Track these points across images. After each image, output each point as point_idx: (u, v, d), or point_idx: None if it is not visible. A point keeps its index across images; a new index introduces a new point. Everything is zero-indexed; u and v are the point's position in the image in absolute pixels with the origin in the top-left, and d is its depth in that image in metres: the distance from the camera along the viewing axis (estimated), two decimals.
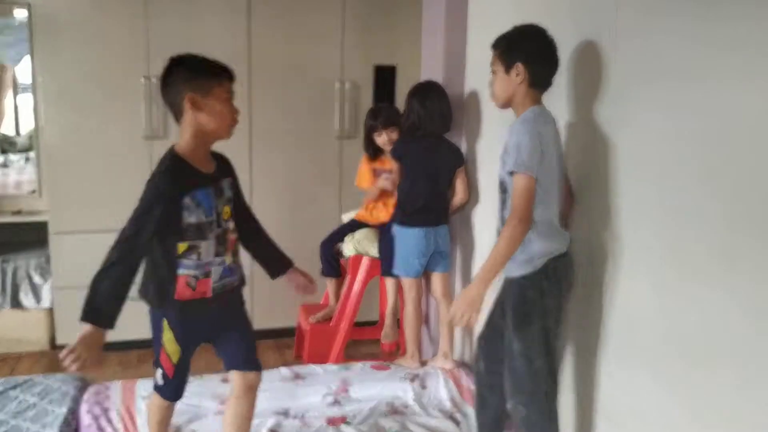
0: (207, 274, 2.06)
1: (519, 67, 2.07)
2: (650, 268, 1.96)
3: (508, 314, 2.15)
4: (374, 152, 3.44)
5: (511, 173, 2.02)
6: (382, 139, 3.34)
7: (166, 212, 1.93)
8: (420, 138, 3.06)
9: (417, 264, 3.13)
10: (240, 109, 4.02)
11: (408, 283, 3.18)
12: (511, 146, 2.03)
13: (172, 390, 2.20)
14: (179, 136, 2.03)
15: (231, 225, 2.13)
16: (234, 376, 2.26)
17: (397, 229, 3.14)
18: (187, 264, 2.01)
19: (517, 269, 2.12)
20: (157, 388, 2.21)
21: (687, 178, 1.80)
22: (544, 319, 2.11)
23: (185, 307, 2.07)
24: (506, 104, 2.18)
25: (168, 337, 2.11)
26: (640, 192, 1.99)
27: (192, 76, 1.98)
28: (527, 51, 2.09)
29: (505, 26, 2.74)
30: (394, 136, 3.29)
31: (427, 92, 3.08)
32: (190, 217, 1.97)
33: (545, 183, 2.04)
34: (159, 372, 2.18)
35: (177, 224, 1.96)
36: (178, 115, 2.01)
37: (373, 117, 3.37)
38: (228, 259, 2.12)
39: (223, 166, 2.15)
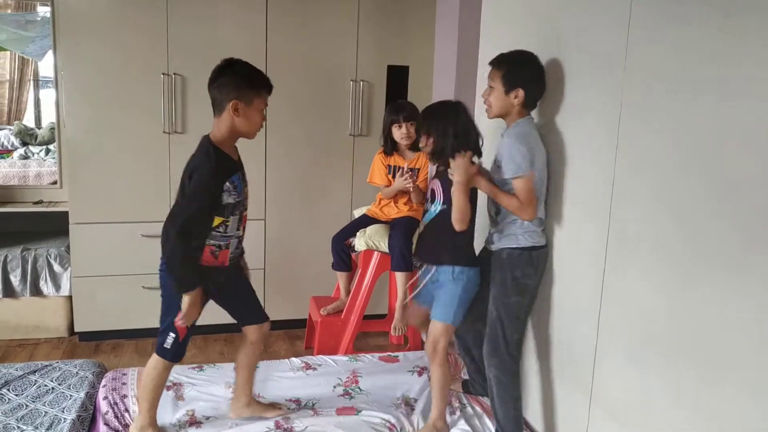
0: (227, 246, 2.38)
1: (519, 92, 2.40)
2: (659, 266, 1.97)
3: (493, 286, 2.52)
4: (391, 147, 3.49)
5: (513, 178, 2.38)
6: (401, 132, 3.37)
7: (214, 193, 2.26)
8: None
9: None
10: None
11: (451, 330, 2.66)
12: (506, 156, 2.39)
13: (179, 351, 2.41)
14: (214, 126, 2.33)
15: (247, 204, 2.45)
16: (249, 329, 2.63)
17: (464, 272, 2.56)
18: (215, 235, 2.33)
19: (505, 242, 2.48)
20: (164, 352, 2.40)
21: (696, 179, 1.82)
22: (521, 295, 2.48)
23: (205, 272, 2.35)
24: (498, 117, 2.52)
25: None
26: (650, 193, 2.02)
27: (241, 85, 2.28)
28: (528, 78, 2.42)
29: (517, 29, 2.80)
30: (413, 131, 3.32)
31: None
32: (229, 198, 2.29)
33: (536, 182, 2.38)
34: (171, 336, 2.37)
35: (218, 203, 2.27)
36: (218, 111, 2.31)
37: (395, 111, 3.40)
38: (241, 232, 2.45)
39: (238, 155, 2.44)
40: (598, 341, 2.28)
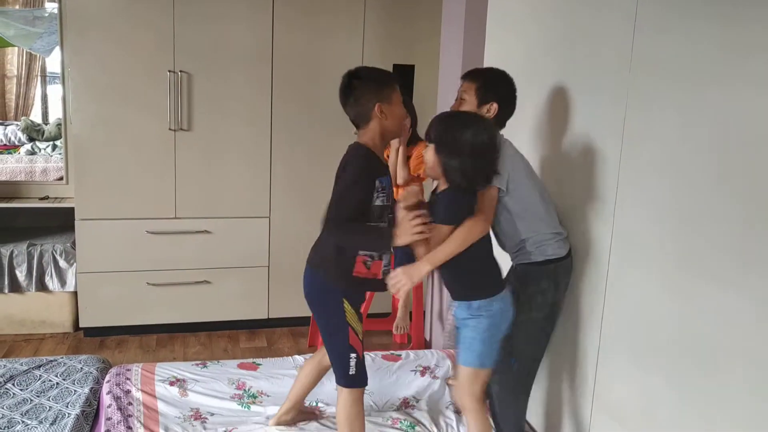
0: (380, 257, 2.22)
1: (493, 106, 2.32)
2: (664, 269, 1.98)
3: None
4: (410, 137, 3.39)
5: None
6: None
7: (366, 189, 2.12)
8: None
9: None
10: (262, 103, 4.12)
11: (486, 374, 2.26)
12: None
13: (365, 372, 2.24)
14: (361, 136, 2.22)
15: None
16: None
17: (485, 306, 2.15)
18: None
19: (521, 258, 2.34)
20: (351, 379, 2.19)
21: (702, 180, 1.82)
22: (536, 311, 2.32)
23: (357, 284, 2.21)
24: None
25: (351, 314, 2.19)
26: (655, 193, 2.02)
27: (378, 88, 2.18)
28: (502, 94, 2.35)
29: (523, 27, 2.80)
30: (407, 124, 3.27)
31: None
32: (377, 200, 2.15)
33: (519, 199, 2.26)
34: (352, 357, 2.18)
35: (368, 204, 2.13)
36: (363, 122, 2.21)
37: None
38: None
39: None
40: (601, 344, 2.28)
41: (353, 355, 2.18)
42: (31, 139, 4.77)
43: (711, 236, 1.79)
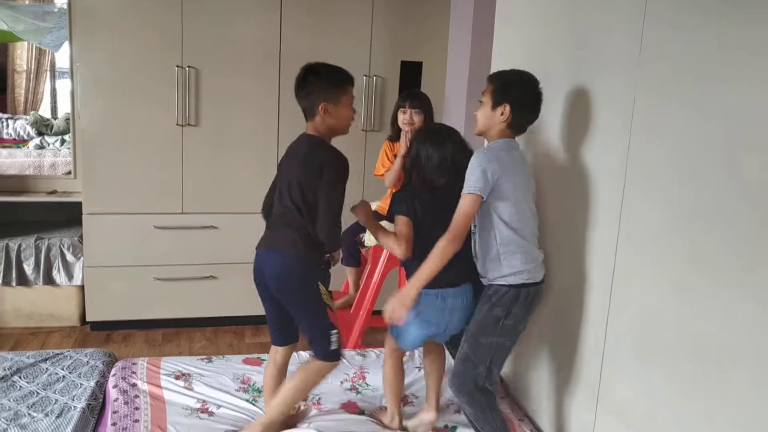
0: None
1: (506, 108, 2.25)
2: (671, 268, 1.96)
3: (472, 320, 2.33)
4: (397, 133, 3.39)
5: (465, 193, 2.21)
6: (405, 117, 3.29)
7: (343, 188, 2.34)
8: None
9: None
10: (270, 99, 4.15)
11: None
12: (468, 171, 2.22)
13: (341, 346, 2.39)
14: (309, 128, 2.40)
15: None
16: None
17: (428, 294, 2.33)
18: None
19: (492, 276, 2.30)
20: (332, 354, 2.33)
21: (710, 178, 1.81)
22: (500, 337, 2.27)
23: (326, 267, 2.39)
24: (482, 133, 2.36)
25: (325, 294, 2.34)
26: (662, 191, 2.00)
27: (328, 87, 2.30)
28: (518, 96, 2.26)
29: (532, 23, 2.80)
30: (417, 119, 3.29)
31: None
32: None
33: (505, 206, 2.23)
34: (333, 333, 2.32)
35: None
36: (310, 116, 2.36)
37: (403, 97, 3.36)
38: None
39: None
40: (606, 343, 2.27)
41: (334, 331, 2.32)
42: (40, 134, 4.79)
43: (718, 236, 1.78)
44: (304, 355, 3.11)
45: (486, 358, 2.27)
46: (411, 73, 4.14)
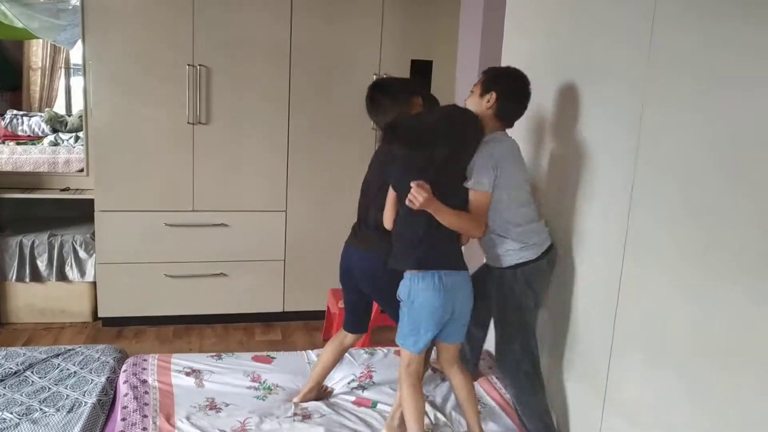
0: None
1: (492, 96, 2.36)
2: (679, 268, 1.96)
3: (494, 303, 2.52)
4: None
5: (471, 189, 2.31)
6: None
7: None
8: None
9: None
10: (280, 98, 4.16)
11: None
12: (472, 168, 2.30)
13: None
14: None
15: None
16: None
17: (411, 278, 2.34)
18: None
19: (491, 261, 2.49)
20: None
21: (718, 179, 1.80)
22: (518, 312, 2.45)
23: None
24: None
25: None
26: (670, 191, 2.00)
27: (394, 103, 2.38)
28: (505, 87, 2.38)
29: (542, 23, 2.79)
30: None
31: None
32: None
33: (505, 190, 2.33)
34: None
35: None
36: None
37: None
38: None
39: None
40: (614, 343, 2.27)
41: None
42: (55, 131, 4.83)
43: (726, 236, 1.78)
44: (313, 354, 3.13)
45: (515, 335, 2.46)
46: (421, 72, 4.14)
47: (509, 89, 2.40)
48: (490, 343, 2.94)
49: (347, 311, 2.74)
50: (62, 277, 4.09)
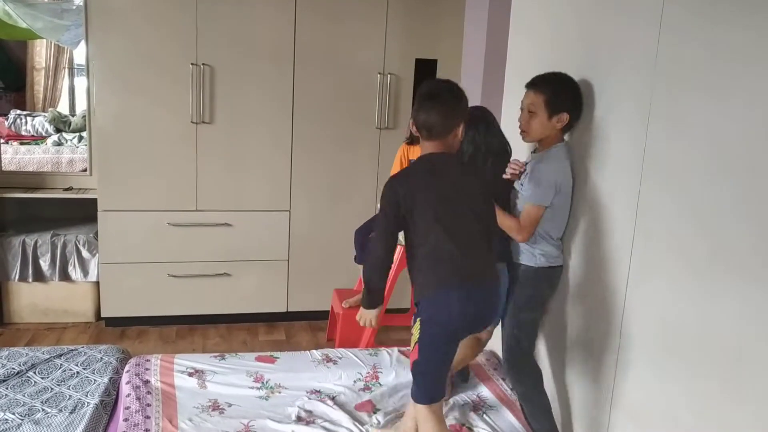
0: None
1: (563, 116, 2.35)
2: (686, 270, 1.94)
3: (509, 300, 2.51)
4: (412, 137, 3.39)
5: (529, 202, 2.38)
6: None
7: None
8: None
9: None
10: (284, 97, 4.16)
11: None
12: (533, 178, 2.37)
13: None
14: (442, 146, 2.16)
15: None
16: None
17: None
18: None
19: (523, 259, 2.48)
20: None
21: (726, 180, 1.79)
22: (534, 311, 2.51)
23: None
24: (537, 141, 2.47)
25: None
26: (678, 193, 1.98)
27: (464, 111, 2.20)
28: (572, 102, 2.38)
29: (547, 25, 2.77)
30: None
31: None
32: None
33: (557, 207, 2.40)
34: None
35: None
36: (438, 135, 2.15)
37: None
38: None
39: None
40: (621, 345, 2.25)
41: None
42: (58, 131, 4.83)
43: (734, 238, 1.76)
44: (317, 354, 3.10)
45: (528, 332, 2.49)
46: (426, 71, 4.12)
47: (575, 103, 2.39)
48: (492, 344, 2.92)
49: None
50: (65, 276, 4.09)
